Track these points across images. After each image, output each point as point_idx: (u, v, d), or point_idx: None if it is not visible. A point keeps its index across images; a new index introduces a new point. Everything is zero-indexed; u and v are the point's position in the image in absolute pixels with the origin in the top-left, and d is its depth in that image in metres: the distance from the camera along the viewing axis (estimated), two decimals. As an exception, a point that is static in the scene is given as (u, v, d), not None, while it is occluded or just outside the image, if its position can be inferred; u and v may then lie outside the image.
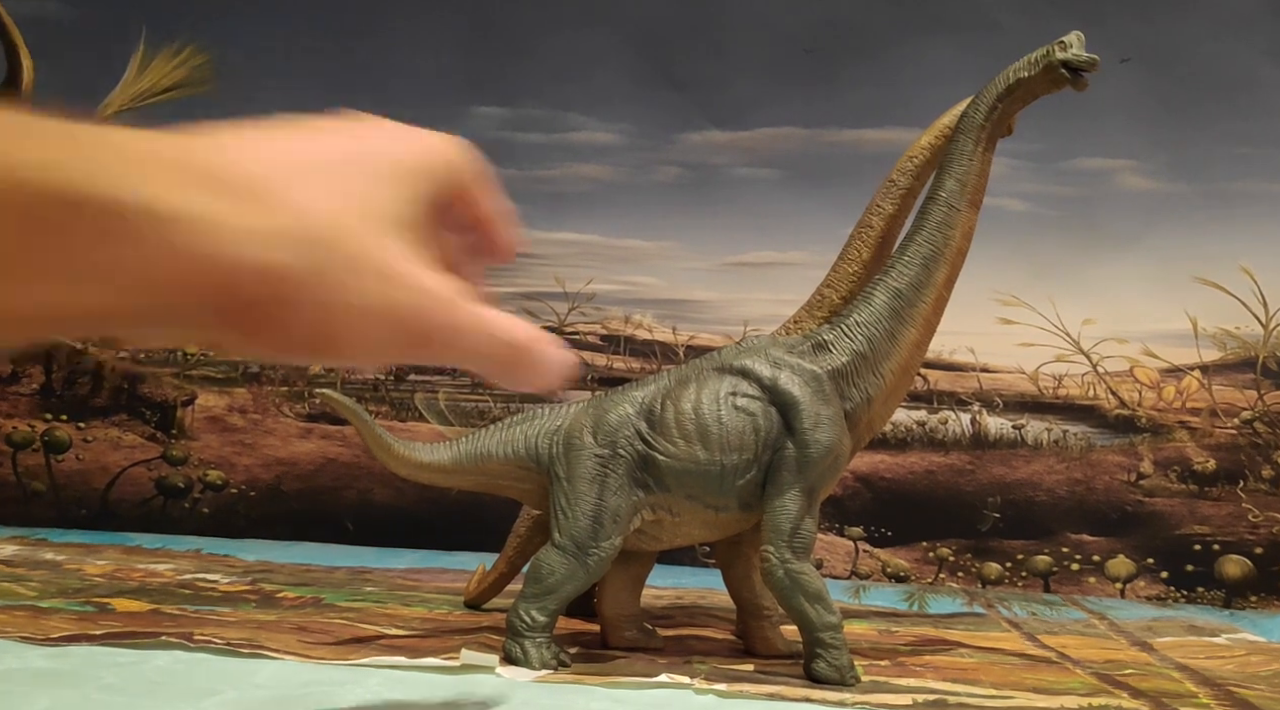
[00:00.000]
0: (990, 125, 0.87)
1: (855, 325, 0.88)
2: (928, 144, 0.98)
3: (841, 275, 0.99)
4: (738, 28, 1.54)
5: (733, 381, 0.86)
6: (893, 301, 0.88)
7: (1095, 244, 1.49)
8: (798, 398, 0.85)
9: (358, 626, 0.96)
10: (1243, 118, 1.46)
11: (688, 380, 0.87)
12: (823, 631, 0.84)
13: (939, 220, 0.88)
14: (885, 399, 0.89)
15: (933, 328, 0.90)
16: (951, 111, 0.98)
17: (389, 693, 0.75)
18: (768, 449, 0.85)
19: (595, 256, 1.59)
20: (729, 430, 0.84)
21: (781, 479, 0.84)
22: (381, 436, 0.88)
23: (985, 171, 0.88)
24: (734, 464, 0.84)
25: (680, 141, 1.56)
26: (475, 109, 1.61)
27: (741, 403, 0.85)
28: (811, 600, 0.83)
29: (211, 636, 0.86)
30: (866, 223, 0.99)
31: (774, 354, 0.87)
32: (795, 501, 0.84)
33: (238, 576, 1.21)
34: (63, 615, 0.95)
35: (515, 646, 0.84)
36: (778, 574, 0.83)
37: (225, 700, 0.71)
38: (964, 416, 1.50)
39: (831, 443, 0.85)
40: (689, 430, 0.85)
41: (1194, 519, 1.44)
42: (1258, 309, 1.45)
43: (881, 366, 0.88)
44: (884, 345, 0.88)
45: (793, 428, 0.84)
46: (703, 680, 0.82)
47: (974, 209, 0.89)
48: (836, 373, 0.87)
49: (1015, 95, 0.86)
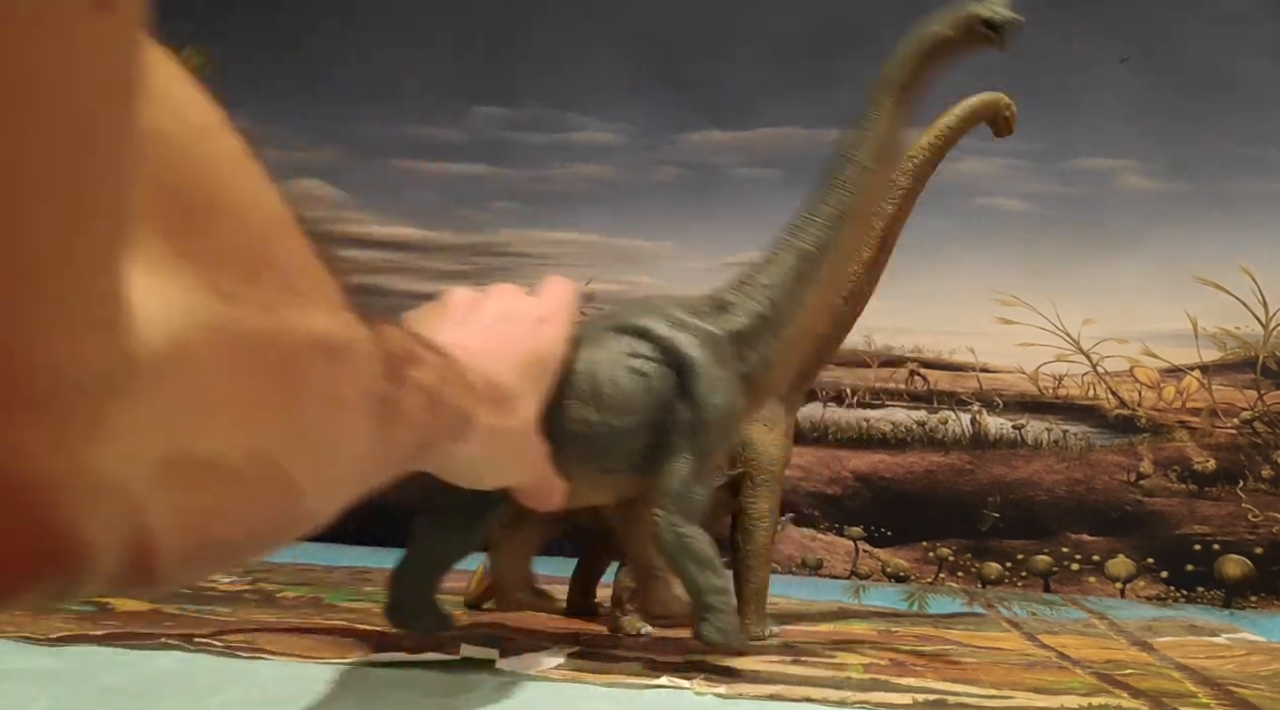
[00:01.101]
0: (906, 83, 0.83)
1: (758, 286, 0.85)
2: (927, 144, 0.98)
3: (841, 275, 1.00)
4: (738, 28, 1.54)
5: (629, 341, 0.82)
6: (798, 263, 0.84)
7: (1095, 244, 1.49)
8: (694, 359, 0.82)
9: (358, 626, 0.96)
10: (1243, 117, 1.46)
11: (582, 340, 0.83)
12: (710, 595, 0.82)
13: (849, 179, 0.83)
14: (785, 363, 0.86)
15: (837, 290, 0.88)
16: (952, 111, 0.98)
17: (389, 691, 0.75)
18: (661, 411, 0.82)
19: (595, 256, 1.59)
20: (623, 391, 0.81)
21: (674, 442, 0.81)
22: None
23: (899, 131, 0.84)
24: (626, 426, 0.81)
25: (680, 141, 1.56)
26: (475, 109, 1.61)
27: (636, 364, 0.82)
28: (700, 564, 0.82)
29: (211, 638, 0.86)
30: (868, 224, 0.99)
31: (673, 314, 0.84)
32: (687, 464, 0.81)
33: (237, 576, 1.21)
34: (62, 614, 0.95)
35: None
36: (666, 537, 0.81)
37: (228, 700, 0.71)
38: (964, 416, 1.50)
39: (726, 406, 0.82)
40: (582, 391, 0.81)
41: (1194, 519, 1.44)
42: (1258, 309, 1.45)
43: (782, 329, 0.85)
44: (787, 307, 0.84)
45: (688, 390, 0.81)
46: (703, 681, 0.82)
47: (887, 168, 0.85)
48: (736, 335, 0.84)
49: (935, 52, 0.82)
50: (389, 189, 1.61)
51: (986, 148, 1.43)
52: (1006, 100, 0.98)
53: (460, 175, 1.62)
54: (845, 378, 1.52)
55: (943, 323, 1.03)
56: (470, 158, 1.61)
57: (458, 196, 1.61)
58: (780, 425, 1.00)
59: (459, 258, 1.62)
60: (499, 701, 0.74)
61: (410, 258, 1.62)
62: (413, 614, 0.82)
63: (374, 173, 1.62)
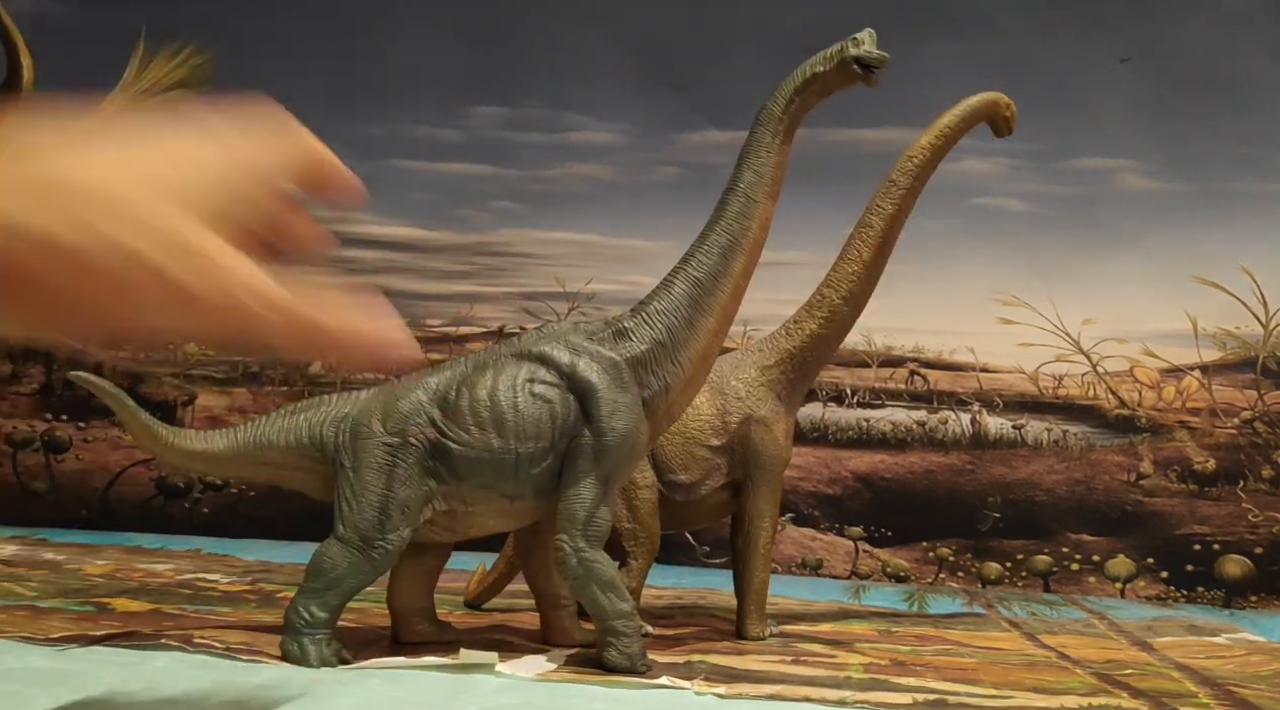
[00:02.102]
0: (788, 118, 0.88)
1: (655, 313, 0.87)
2: (927, 144, 0.99)
3: (842, 275, 1.00)
4: (737, 28, 1.54)
5: (531, 368, 0.85)
6: (692, 290, 0.88)
7: (1095, 244, 1.49)
8: (595, 385, 0.84)
9: (358, 627, 0.96)
10: (1242, 117, 1.46)
11: (485, 366, 0.85)
12: (615, 620, 0.83)
13: (737, 211, 0.88)
14: (684, 387, 0.88)
15: (730, 316, 0.90)
16: (952, 111, 0.98)
17: (390, 692, 0.75)
18: (564, 437, 0.84)
19: (595, 256, 1.59)
20: (525, 418, 0.83)
21: (578, 467, 0.84)
22: (147, 423, 0.86)
23: (783, 163, 0.89)
24: (529, 452, 0.83)
25: (680, 141, 1.56)
26: (475, 109, 1.61)
27: (539, 390, 0.84)
28: (605, 589, 0.83)
29: (212, 640, 0.86)
30: (866, 222, 0.99)
31: (573, 341, 0.86)
32: (590, 489, 0.83)
33: (237, 576, 1.21)
34: (62, 615, 0.95)
35: (293, 644, 0.81)
36: (571, 562, 0.83)
37: (225, 701, 0.71)
38: (964, 416, 1.50)
39: (628, 430, 0.84)
40: (484, 418, 0.83)
41: (1194, 519, 1.44)
42: (1258, 309, 1.45)
43: (680, 354, 0.87)
44: (683, 333, 0.87)
45: (590, 415, 0.84)
46: (703, 681, 0.82)
47: (771, 200, 0.89)
48: (636, 360, 0.86)
49: (811, 89, 0.87)
50: (389, 189, 1.61)
51: (986, 148, 1.43)
52: (1006, 100, 1.00)
53: (460, 175, 1.62)
54: (845, 378, 1.52)
55: (943, 323, 1.03)
56: (470, 158, 1.61)
57: (458, 196, 1.61)
58: (780, 425, 1.00)
59: (459, 258, 1.62)
60: (499, 703, 0.74)
61: (410, 258, 1.62)
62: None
63: (374, 173, 1.62)
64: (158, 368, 1.59)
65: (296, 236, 0.49)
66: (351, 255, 1.61)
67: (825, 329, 1.00)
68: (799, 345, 1.00)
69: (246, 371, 1.59)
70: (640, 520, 0.98)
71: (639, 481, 0.97)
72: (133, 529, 1.53)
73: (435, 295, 1.62)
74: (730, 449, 0.99)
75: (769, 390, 1.00)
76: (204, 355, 1.60)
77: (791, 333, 1.01)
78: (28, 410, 1.60)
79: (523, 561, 0.94)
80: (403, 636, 0.91)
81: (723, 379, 0.99)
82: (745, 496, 0.99)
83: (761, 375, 1.00)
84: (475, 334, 1.59)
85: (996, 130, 1.01)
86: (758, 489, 0.99)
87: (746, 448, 0.98)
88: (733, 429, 0.99)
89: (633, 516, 0.98)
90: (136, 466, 1.57)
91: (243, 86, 1.63)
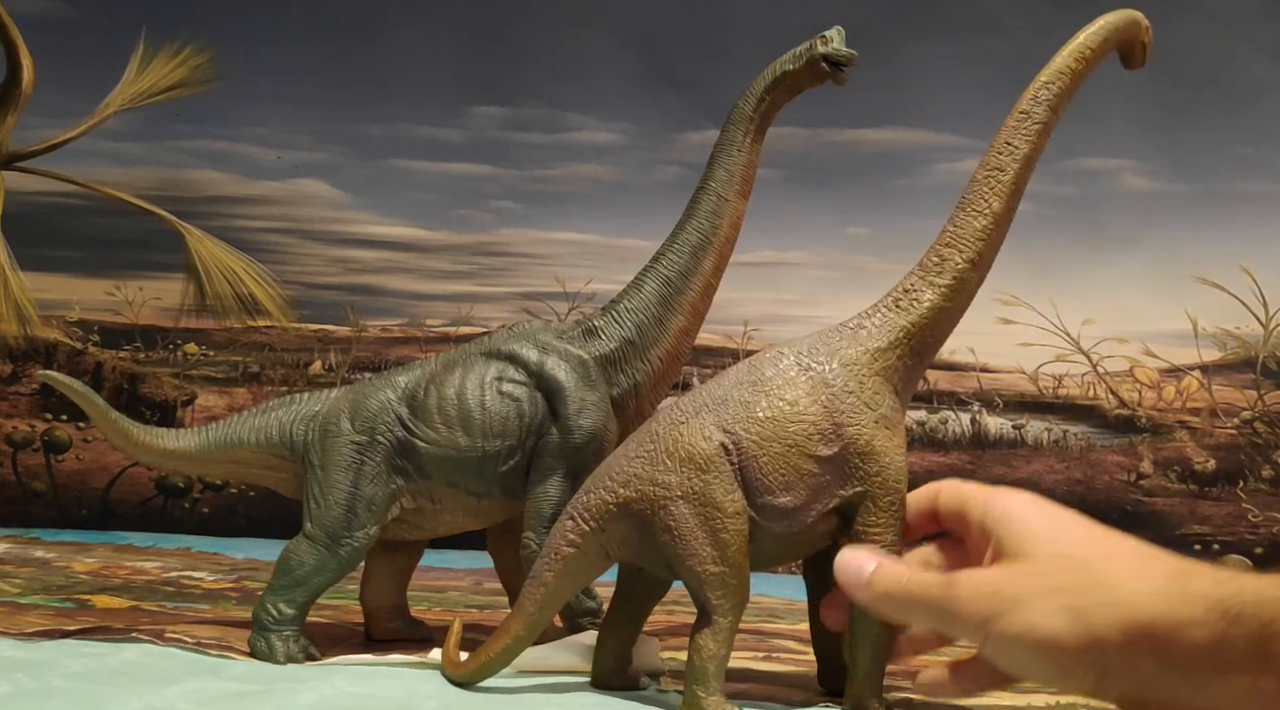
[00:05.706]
0: (759, 117, 0.88)
1: (625, 311, 0.88)
2: (1065, 67, 0.78)
3: (967, 231, 0.78)
4: (738, 28, 1.54)
5: (499, 366, 0.85)
6: (662, 289, 0.88)
7: (1095, 244, 1.49)
8: (563, 383, 0.85)
9: (332, 624, 0.95)
10: (1243, 118, 1.46)
11: (453, 365, 0.86)
12: (581, 617, 0.86)
13: (708, 209, 0.89)
14: (654, 385, 0.89)
15: (701, 314, 0.90)
16: (1088, 29, 0.79)
17: (352, 688, 0.74)
18: (532, 435, 0.84)
19: (595, 256, 1.59)
20: (492, 416, 0.84)
21: (545, 465, 0.84)
22: (116, 420, 0.86)
23: (754, 161, 0.89)
24: (497, 450, 0.84)
25: (680, 141, 1.56)
26: (475, 109, 1.61)
27: (507, 388, 0.85)
28: None
29: (183, 635, 0.86)
30: (996, 165, 0.79)
31: (542, 339, 0.87)
32: (558, 487, 0.84)
33: (223, 574, 1.20)
34: (40, 611, 0.95)
35: (261, 640, 0.81)
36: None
37: (188, 690, 0.70)
38: (964, 416, 1.50)
39: (596, 428, 0.85)
40: (451, 416, 0.83)
41: (1194, 519, 1.44)
42: (1258, 309, 1.45)
43: (650, 353, 0.88)
44: (652, 332, 0.88)
45: (557, 413, 0.84)
46: (668, 678, 0.82)
47: (743, 198, 0.89)
48: (605, 359, 0.87)
49: (781, 87, 0.88)
50: (389, 189, 1.61)
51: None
52: (1147, 24, 0.79)
53: (460, 175, 1.62)
54: (845, 378, 1.52)
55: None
56: (470, 157, 1.61)
57: (457, 196, 1.61)
58: (901, 428, 0.75)
59: (459, 258, 1.62)
60: (499, 702, 0.74)
61: (410, 258, 1.62)
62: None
63: (374, 173, 1.62)
64: (158, 368, 1.59)
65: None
66: (351, 255, 1.61)
67: (949, 300, 0.76)
68: (916, 321, 0.75)
69: (246, 371, 1.59)
70: (730, 561, 0.69)
71: (725, 507, 0.69)
72: (133, 529, 1.53)
73: (435, 295, 1.62)
74: (843, 461, 0.71)
75: (885, 381, 0.73)
76: (204, 355, 1.59)
77: (904, 306, 0.75)
78: (28, 410, 1.60)
79: (495, 559, 0.94)
80: (375, 634, 0.91)
81: (821, 367, 0.72)
82: (861, 522, 0.72)
83: (875, 361, 0.73)
84: (475, 334, 1.59)
85: (1130, 59, 0.81)
86: (878, 514, 0.72)
87: (867, 459, 0.72)
88: (848, 434, 0.71)
89: (720, 556, 0.69)
90: (136, 467, 1.57)
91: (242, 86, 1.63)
